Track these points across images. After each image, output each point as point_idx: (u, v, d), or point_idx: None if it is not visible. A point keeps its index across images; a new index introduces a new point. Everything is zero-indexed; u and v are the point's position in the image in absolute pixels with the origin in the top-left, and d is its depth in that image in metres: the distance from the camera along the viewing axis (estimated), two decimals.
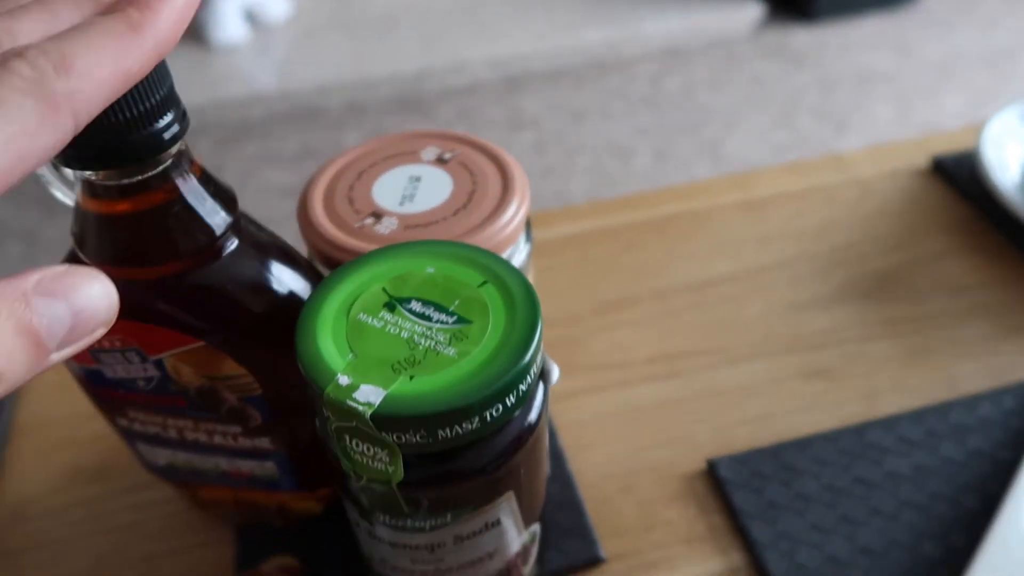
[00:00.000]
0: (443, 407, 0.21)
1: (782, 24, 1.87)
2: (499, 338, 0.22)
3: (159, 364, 0.26)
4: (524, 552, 0.28)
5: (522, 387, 0.22)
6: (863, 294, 0.42)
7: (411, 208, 0.29)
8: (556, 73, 1.75)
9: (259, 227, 0.27)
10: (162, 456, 0.30)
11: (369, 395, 0.21)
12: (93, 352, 0.26)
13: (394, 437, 0.21)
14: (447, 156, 0.32)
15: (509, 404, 0.22)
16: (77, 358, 0.27)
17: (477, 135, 0.33)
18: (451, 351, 0.22)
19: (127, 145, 0.21)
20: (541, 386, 0.25)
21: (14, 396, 0.39)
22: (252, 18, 1.87)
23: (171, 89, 0.22)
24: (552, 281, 0.44)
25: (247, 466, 0.30)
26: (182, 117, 0.23)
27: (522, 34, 1.80)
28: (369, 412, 0.21)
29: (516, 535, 0.26)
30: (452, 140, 0.33)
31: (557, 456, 0.35)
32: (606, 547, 0.32)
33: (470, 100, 1.68)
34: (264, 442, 0.28)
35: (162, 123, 0.22)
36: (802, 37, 1.83)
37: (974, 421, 0.35)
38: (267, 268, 0.26)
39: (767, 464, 0.34)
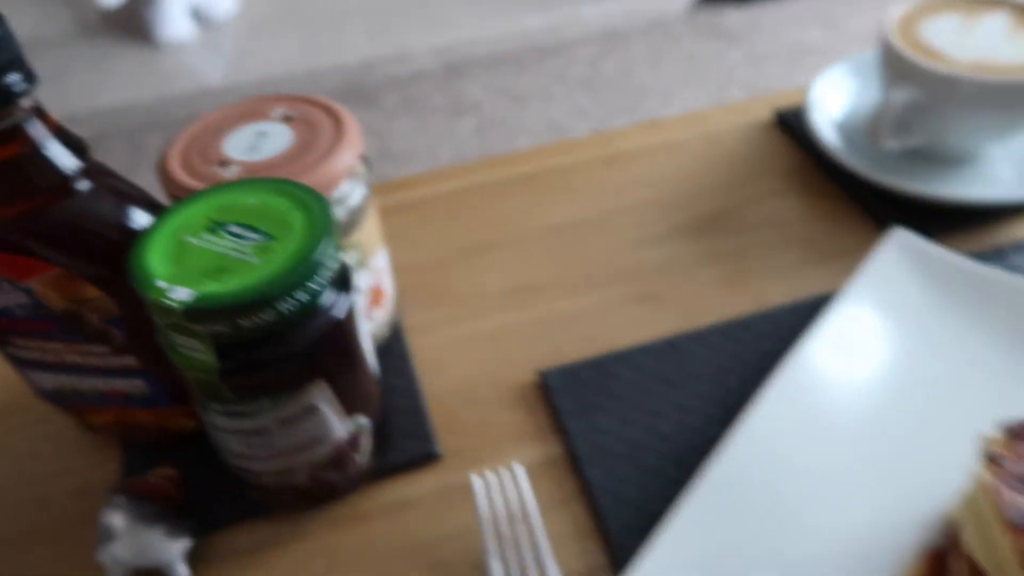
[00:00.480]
0: (241, 300, 0.26)
1: (716, 5, 1.93)
2: (296, 249, 0.27)
3: (29, 291, 0.30)
4: (353, 441, 0.33)
5: (312, 285, 0.27)
6: (696, 230, 0.48)
7: (255, 157, 0.34)
8: (497, 59, 1.80)
9: (119, 178, 0.32)
10: (48, 380, 0.35)
11: (182, 295, 0.26)
12: None
13: (206, 328, 0.26)
14: (292, 115, 0.36)
15: (301, 299, 0.27)
16: None
17: (421, 122, 0.38)
18: (255, 260, 0.27)
19: None
20: (350, 294, 0.30)
21: None
22: (199, 15, 1.90)
23: (16, 55, 0.27)
24: (422, 232, 0.49)
25: (121, 385, 0.34)
26: (28, 78, 0.27)
27: (464, 21, 1.84)
28: (182, 308, 0.26)
29: (339, 423, 0.31)
30: (299, 102, 0.37)
31: (409, 375, 0.40)
32: (444, 446, 0.37)
33: (413, 88, 1.72)
34: (130, 361, 0.33)
35: (8, 80, 0.26)
36: (735, 16, 1.89)
37: (771, 328, 0.41)
38: (118, 207, 0.31)
39: (589, 372, 0.39)
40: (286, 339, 0.28)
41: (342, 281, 0.30)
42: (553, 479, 0.36)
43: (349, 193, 0.35)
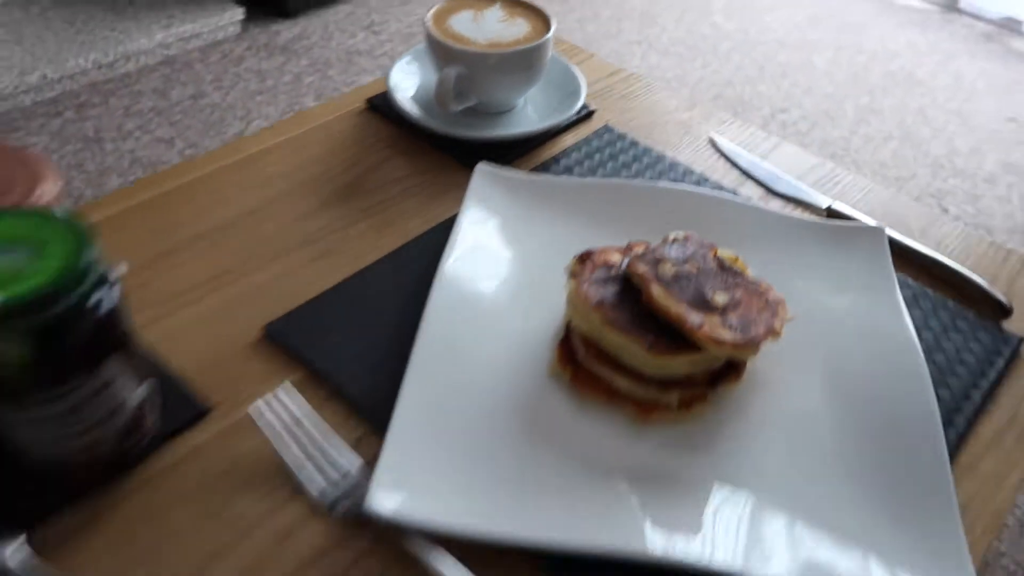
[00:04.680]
0: (42, 294, 0.32)
1: (264, 23, 2.04)
2: (58, 258, 0.34)
3: None
4: (143, 405, 0.40)
5: (81, 285, 0.34)
6: (341, 198, 0.61)
7: None
8: (52, 103, 1.69)
9: None
10: None
11: None
12: None
13: (17, 324, 0.32)
14: None
15: (78, 293, 0.34)
16: None
17: None
18: (35, 268, 0.33)
19: None
20: (114, 285, 0.37)
21: None
22: None
23: None
24: (121, 244, 0.54)
25: None
26: None
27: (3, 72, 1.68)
28: None
29: (132, 390, 0.38)
30: None
31: (152, 361, 0.47)
32: (210, 401, 0.46)
33: None
34: None
35: None
36: (286, 31, 2.03)
37: (420, 249, 0.56)
38: None
39: (300, 316, 0.50)
40: (81, 324, 0.34)
41: (104, 275, 0.37)
42: (307, 393, 0.46)
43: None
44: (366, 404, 0.46)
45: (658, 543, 0.39)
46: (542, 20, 0.66)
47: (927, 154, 1.94)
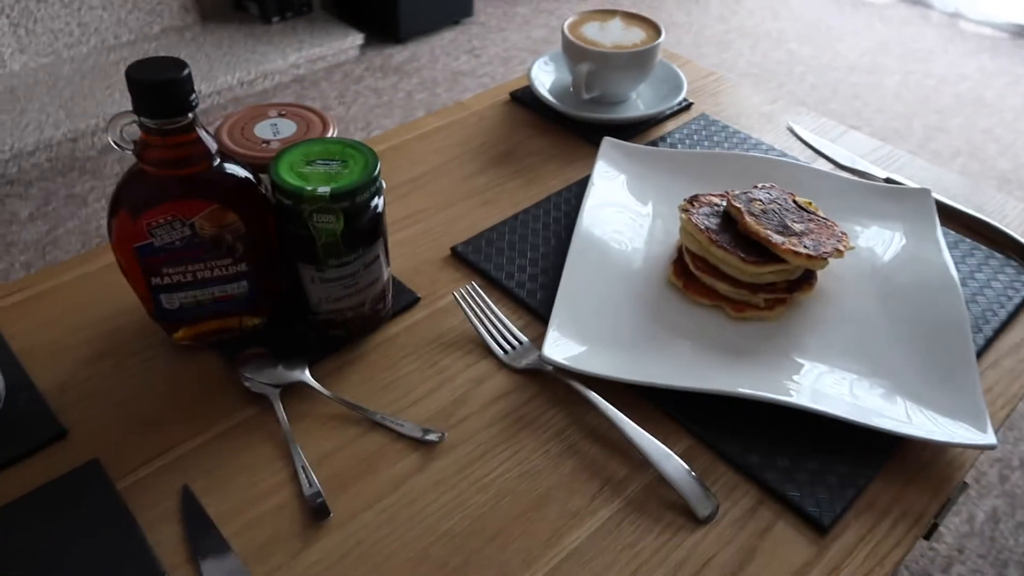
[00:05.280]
0: (353, 188, 0.50)
1: (380, 47, 2.28)
2: (359, 169, 0.52)
3: (191, 225, 0.51)
4: (389, 281, 0.58)
5: (372, 187, 0.52)
6: (496, 163, 0.79)
7: (280, 136, 0.57)
8: (204, 114, 1.94)
9: (227, 154, 0.53)
10: (176, 300, 0.54)
11: (323, 190, 0.50)
12: (150, 229, 0.50)
13: (338, 205, 0.50)
14: (283, 112, 0.60)
15: (369, 191, 0.52)
16: (136, 237, 0.50)
17: None
18: (345, 172, 0.52)
19: (184, 106, 0.47)
20: (380, 199, 0.55)
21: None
22: None
23: (192, 84, 0.48)
24: None
25: (231, 289, 0.55)
26: (195, 101, 0.49)
27: None
28: (328, 194, 0.50)
29: (385, 268, 0.56)
30: (282, 106, 0.61)
31: None
32: (419, 294, 0.63)
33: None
34: (242, 268, 0.54)
35: (191, 100, 0.48)
36: (398, 54, 2.27)
37: (561, 200, 0.73)
38: (235, 167, 0.52)
39: (477, 240, 0.68)
40: (365, 215, 0.52)
41: (379, 193, 0.55)
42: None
43: None
44: (528, 301, 0.63)
45: (746, 386, 0.54)
46: (654, 29, 0.83)
47: (993, 168, 2.02)
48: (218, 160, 0.51)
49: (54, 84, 1.95)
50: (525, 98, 0.88)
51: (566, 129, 0.84)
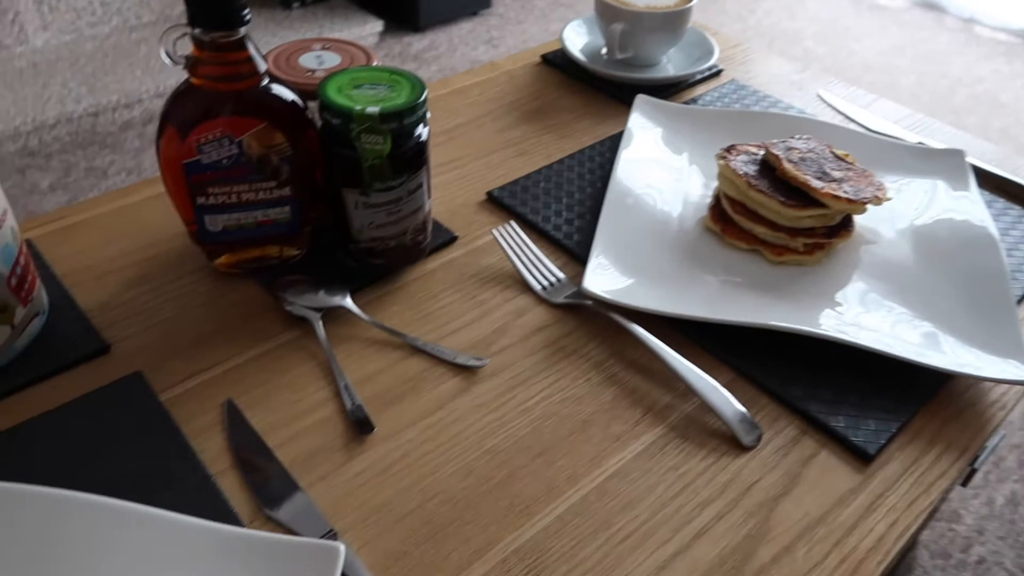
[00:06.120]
0: (402, 109, 0.50)
1: (399, 35, 2.29)
2: (407, 93, 0.52)
3: (239, 143, 0.51)
4: (429, 212, 0.58)
5: (419, 111, 0.52)
6: (529, 118, 0.79)
7: (325, 66, 0.57)
8: None
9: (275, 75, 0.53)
10: (220, 222, 0.54)
11: (372, 110, 0.50)
12: (199, 146, 0.50)
13: (387, 126, 0.50)
14: (328, 46, 0.60)
15: (416, 116, 0.52)
16: (184, 155, 0.50)
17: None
18: (393, 95, 0.52)
19: (238, 19, 0.47)
20: (425, 128, 0.55)
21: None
22: None
23: (246, 4, 0.48)
24: None
25: (274, 213, 0.55)
26: (247, 17, 0.49)
27: None
28: (377, 113, 0.50)
29: (427, 198, 0.56)
30: (325, 40, 0.61)
31: None
32: (456, 233, 0.63)
33: (150, 128, 1.81)
34: (287, 191, 0.54)
35: (245, 14, 0.48)
36: (417, 42, 2.27)
37: (596, 152, 0.73)
38: (285, 88, 0.52)
39: (513, 187, 0.68)
40: (413, 138, 0.53)
41: (424, 122, 0.55)
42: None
43: None
44: (565, 243, 0.63)
45: (791, 320, 0.54)
46: None
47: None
48: (267, 80, 0.51)
49: (76, 61, 1.96)
50: (556, 60, 0.88)
51: (597, 90, 0.84)
